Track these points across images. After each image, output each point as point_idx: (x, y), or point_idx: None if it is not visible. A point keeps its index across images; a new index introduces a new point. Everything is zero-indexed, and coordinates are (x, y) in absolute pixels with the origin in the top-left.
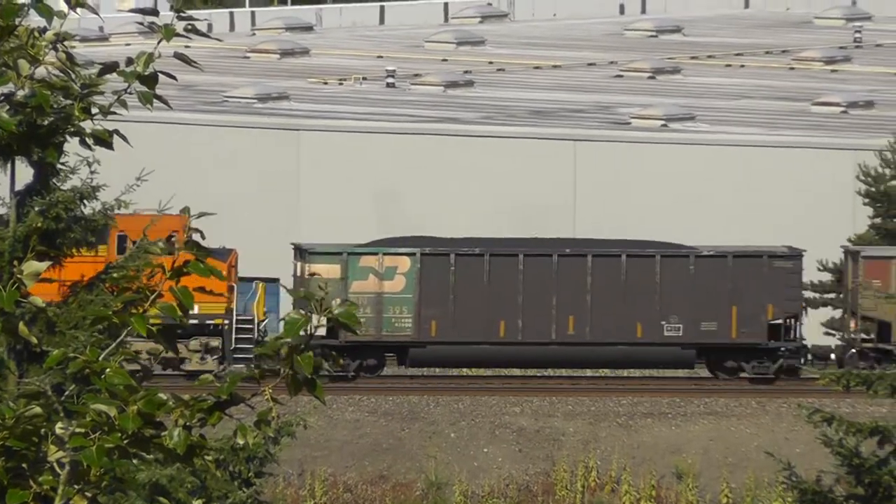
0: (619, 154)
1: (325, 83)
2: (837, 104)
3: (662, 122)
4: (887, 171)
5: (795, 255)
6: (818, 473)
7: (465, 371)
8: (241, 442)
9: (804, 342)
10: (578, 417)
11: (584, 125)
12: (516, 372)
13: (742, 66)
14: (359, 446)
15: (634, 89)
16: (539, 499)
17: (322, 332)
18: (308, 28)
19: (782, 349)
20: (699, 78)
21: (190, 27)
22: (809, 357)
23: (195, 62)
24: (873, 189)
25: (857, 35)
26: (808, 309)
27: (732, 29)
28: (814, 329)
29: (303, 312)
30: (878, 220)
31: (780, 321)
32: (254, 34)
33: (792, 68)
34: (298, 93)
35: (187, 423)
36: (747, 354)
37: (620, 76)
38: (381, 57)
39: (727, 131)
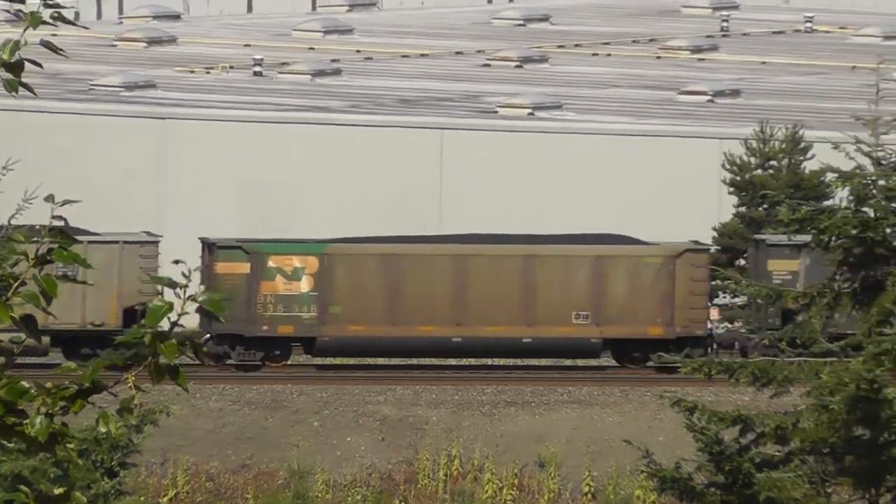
0: (486, 143)
1: (192, 72)
2: (704, 93)
3: (529, 111)
4: (753, 159)
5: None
6: (678, 461)
7: (328, 360)
8: (103, 430)
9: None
10: (442, 406)
11: (452, 114)
12: (380, 361)
13: (609, 55)
14: (222, 435)
15: (502, 78)
16: (401, 487)
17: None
18: (175, 16)
19: None
20: (566, 67)
21: (56, 15)
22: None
23: (62, 50)
24: (738, 178)
25: (724, 24)
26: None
27: (600, 18)
28: None
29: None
30: (742, 209)
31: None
32: (121, 22)
33: (659, 57)
34: (165, 81)
35: (49, 411)
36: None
37: (488, 65)
38: (249, 45)
39: (595, 120)
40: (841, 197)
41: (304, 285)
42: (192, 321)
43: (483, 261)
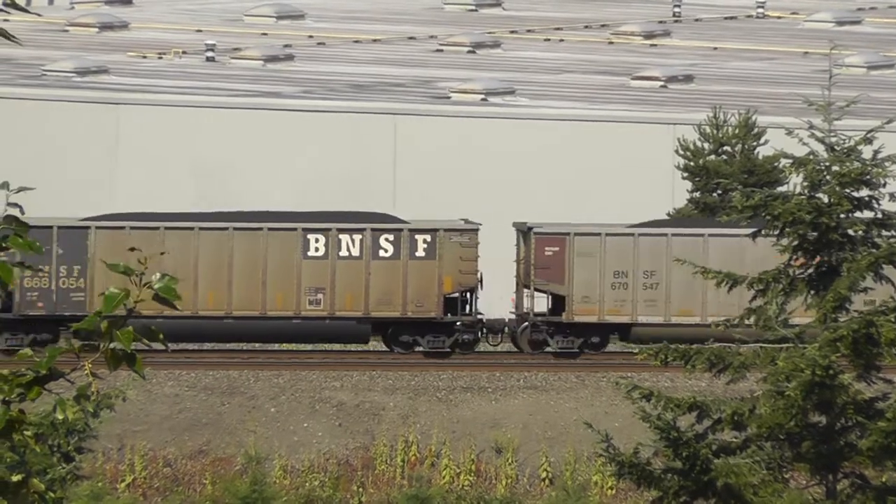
0: (438, 128)
1: (145, 57)
2: (657, 78)
3: (482, 97)
4: (706, 145)
5: None
6: (637, 446)
7: (284, 345)
8: (60, 417)
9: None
10: (398, 392)
11: (404, 99)
12: (336, 346)
13: (561, 40)
14: (178, 421)
15: (454, 63)
16: (359, 473)
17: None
18: (127, 2)
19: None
20: (519, 52)
21: (9, 2)
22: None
23: (14, 36)
24: (692, 163)
25: (676, 9)
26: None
27: (551, 3)
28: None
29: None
30: (696, 194)
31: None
32: (73, 8)
33: (611, 42)
34: (118, 67)
35: (6, 398)
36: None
37: (440, 50)
38: (201, 31)
39: (547, 105)
40: (795, 183)
41: None
42: None
43: None
